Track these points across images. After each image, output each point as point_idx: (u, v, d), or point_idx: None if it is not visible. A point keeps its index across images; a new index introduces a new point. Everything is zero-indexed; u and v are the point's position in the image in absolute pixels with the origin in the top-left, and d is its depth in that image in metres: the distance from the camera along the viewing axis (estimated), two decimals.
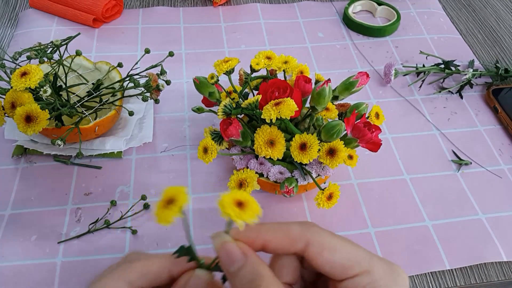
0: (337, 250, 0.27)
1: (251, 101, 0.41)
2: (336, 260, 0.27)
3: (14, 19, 0.68)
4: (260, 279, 0.25)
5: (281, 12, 0.72)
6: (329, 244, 0.28)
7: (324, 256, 0.27)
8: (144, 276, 0.27)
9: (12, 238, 0.43)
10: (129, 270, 0.27)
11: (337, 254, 0.27)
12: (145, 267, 0.27)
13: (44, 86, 0.41)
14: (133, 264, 0.27)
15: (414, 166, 0.52)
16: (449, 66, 0.62)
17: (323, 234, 0.28)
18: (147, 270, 0.27)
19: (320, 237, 0.28)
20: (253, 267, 0.26)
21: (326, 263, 0.27)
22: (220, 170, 0.50)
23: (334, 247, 0.27)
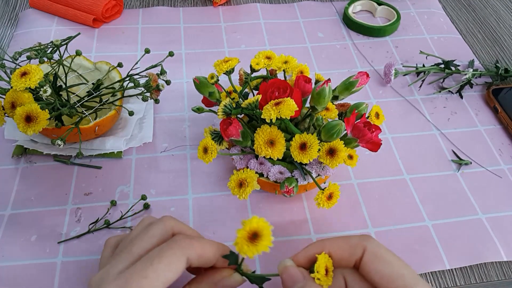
0: (389, 262, 0.31)
1: (251, 101, 0.41)
2: (386, 271, 0.30)
3: (14, 19, 0.68)
4: None
5: (281, 12, 0.72)
6: (383, 255, 0.31)
7: (377, 265, 0.30)
8: (200, 257, 0.30)
9: (12, 238, 0.43)
10: (190, 247, 0.30)
11: (388, 265, 0.30)
12: (203, 250, 0.30)
13: (44, 86, 0.41)
14: (193, 243, 0.30)
15: (414, 166, 0.52)
16: (449, 66, 0.62)
17: (379, 246, 0.32)
18: (204, 253, 0.30)
19: (376, 247, 0.32)
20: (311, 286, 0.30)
21: (377, 272, 0.30)
22: (220, 170, 0.50)
23: (388, 259, 0.31)
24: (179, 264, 0.29)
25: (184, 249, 0.30)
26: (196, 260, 0.30)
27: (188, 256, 0.30)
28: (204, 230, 0.45)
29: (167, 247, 0.30)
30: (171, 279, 0.29)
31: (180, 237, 0.31)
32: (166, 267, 0.29)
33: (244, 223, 0.28)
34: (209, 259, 0.31)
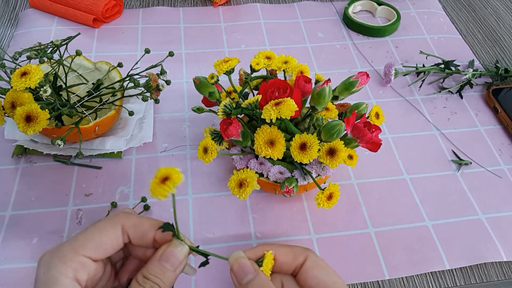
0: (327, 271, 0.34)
1: (251, 101, 0.41)
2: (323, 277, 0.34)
3: (14, 19, 0.68)
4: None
5: (281, 12, 0.72)
6: (322, 264, 0.35)
7: (316, 271, 0.34)
8: (136, 227, 0.32)
9: (13, 240, 0.43)
10: (126, 217, 0.32)
11: (325, 273, 0.34)
12: (139, 221, 0.32)
13: (44, 86, 0.41)
14: (131, 216, 0.32)
15: (414, 166, 0.52)
16: (449, 66, 0.62)
17: (319, 257, 0.36)
18: (140, 224, 0.32)
19: (317, 257, 0.35)
20: (262, 281, 0.32)
21: (314, 278, 0.34)
22: (220, 170, 0.50)
23: (326, 268, 0.35)
24: (114, 232, 0.31)
25: (119, 218, 0.32)
26: (133, 230, 0.32)
27: (123, 224, 0.31)
28: (204, 230, 0.45)
29: (103, 218, 0.32)
30: (106, 244, 0.31)
31: (119, 211, 0.33)
32: (100, 234, 0.31)
33: (157, 172, 0.29)
34: (145, 229, 0.32)
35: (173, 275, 0.31)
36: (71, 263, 0.29)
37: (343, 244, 0.45)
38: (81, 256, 0.30)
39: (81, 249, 0.30)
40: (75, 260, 0.30)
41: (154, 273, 0.31)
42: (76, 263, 0.30)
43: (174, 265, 0.31)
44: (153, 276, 0.31)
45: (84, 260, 0.30)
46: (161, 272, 0.31)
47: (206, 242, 0.44)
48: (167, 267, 0.31)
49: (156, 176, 0.28)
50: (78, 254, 0.30)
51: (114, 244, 0.31)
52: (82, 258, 0.30)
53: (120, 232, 0.31)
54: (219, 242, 0.44)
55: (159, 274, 0.31)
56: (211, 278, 0.42)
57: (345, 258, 0.44)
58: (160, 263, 0.31)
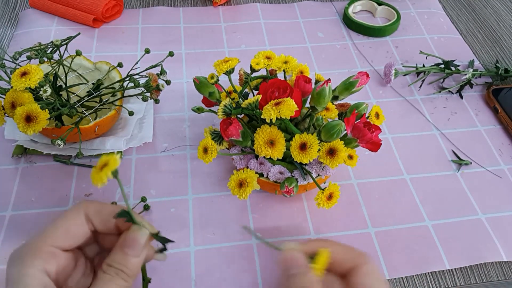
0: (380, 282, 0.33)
1: (251, 101, 0.41)
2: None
3: (14, 19, 0.68)
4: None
5: (281, 12, 0.72)
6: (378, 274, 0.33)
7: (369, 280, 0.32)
8: (99, 214, 0.32)
9: (14, 240, 0.43)
10: (89, 205, 0.32)
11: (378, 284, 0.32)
12: (100, 207, 0.32)
13: (44, 86, 0.41)
14: (93, 203, 0.33)
15: (414, 166, 0.52)
16: (449, 66, 0.62)
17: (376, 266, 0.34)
18: (102, 210, 0.32)
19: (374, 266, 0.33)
20: (309, 280, 0.31)
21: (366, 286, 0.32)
22: (220, 170, 0.50)
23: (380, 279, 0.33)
24: (78, 219, 0.31)
25: (82, 205, 0.32)
26: (95, 216, 0.32)
27: (86, 210, 0.32)
28: (204, 230, 0.45)
29: (68, 209, 0.32)
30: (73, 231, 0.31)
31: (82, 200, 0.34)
32: (66, 222, 0.31)
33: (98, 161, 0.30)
34: (107, 215, 0.32)
35: (136, 261, 0.31)
36: (39, 253, 0.29)
37: None
38: (49, 246, 0.30)
39: (49, 239, 0.30)
40: (43, 250, 0.29)
41: (117, 260, 0.30)
42: (44, 253, 0.29)
43: (135, 250, 0.31)
44: (117, 263, 0.30)
45: (53, 250, 0.30)
46: (124, 258, 0.30)
47: (206, 242, 0.44)
48: (129, 253, 0.31)
49: (97, 164, 0.29)
50: (46, 244, 0.30)
51: (81, 231, 0.31)
52: (50, 248, 0.30)
53: (84, 219, 0.32)
54: (219, 242, 0.44)
55: (122, 260, 0.30)
56: (212, 278, 0.42)
57: None
58: (122, 250, 0.31)
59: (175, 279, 0.41)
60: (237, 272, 0.42)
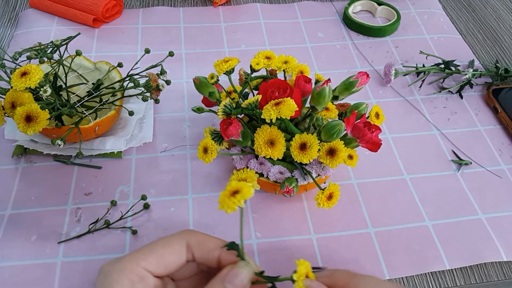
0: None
1: (251, 101, 0.41)
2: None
3: (14, 19, 0.68)
4: None
5: (281, 12, 0.72)
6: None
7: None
8: (202, 245, 0.31)
9: (12, 238, 0.43)
10: (192, 235, 0.31)
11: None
12: (204, 238, 0.31)
13: (44, 86, 0.41)
14: (196, 233, 0.32)
15: (414, 166, 0.52)
16: (449, 66, 0.62)
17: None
18: (206, 242, 0.31)
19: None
20: None
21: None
22: (220, 170, 0.50)
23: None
24: (178, 248, 0.30)
25: (185, 235, 0.31)
26: (197, 248, 0.31)
27: (188, 241, 0.31)
28: (204, 230, 0.45)
29: (169, 235, 0.31)
30: (168, 259, 0.30)
31: (184, 229, 0.32)
32: (164, 249, 0.30)
33: (227, 185, 0.29)
34: (210, 248, 0.31)
35: None
36: (129, 273, 0.28)
37: (343, 244, 0.45)
38: (140, 268, 0.29)
39: (142, 261, 0.29)
40: (133, 271, 0.28)
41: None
42: (134, 274, 0.28)
43: (236, 286, 0.29)
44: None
45: (144, 273, 0.29)
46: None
47: None
48: (228, 287, 0.29)
49: (226, 188, 0.28)
50: (138, 266, 0.29)
51: (177, 260, 0.30)
52: (141, 271, 0.29)
53: (184, 249, 0.30)
54: None
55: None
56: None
57: (345, 258, 0.44)
58: (222, 284, 0.29)
59: None
60: None
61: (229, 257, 0.31)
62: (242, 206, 0.27)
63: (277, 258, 0.43)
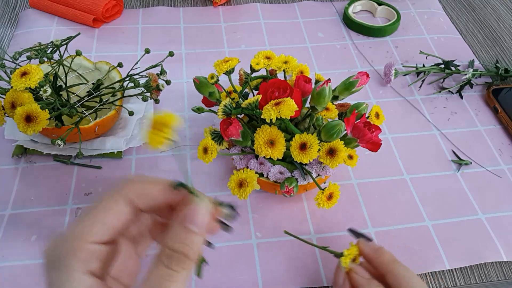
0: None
1: (251, 101, 0.41)
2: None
3: (14, 19, 0.68)
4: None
5: (281, 12, 0.72)
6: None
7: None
8: (142, 195, 0.28)
9: (12, 238, 0.43)
10: (128, 187, 0.28)
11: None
12: (145, 188, 0.28)
13: (44, 86, 0.41)
14: (135, 184, 0.28)
15: (414, 166, 0.52)
16: (449, 66, 0.62)
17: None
18: (147, 191, 0.28)
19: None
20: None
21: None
22: (220, 170, 0.50)
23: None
24: (117, 206, 0.28)
25: (123, 190, 0.28)
26: (140, 199, 0.28)
27: (127, 196, 0.28)
28: None
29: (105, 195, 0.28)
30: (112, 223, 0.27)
31: (124, 179, 0.29)
32: (104, 214, 0.27)
33: (152, 122, 0.27)
34: (154, 196, 0.28)
35: (201, 239, 0.27)
36: (79, 253, 0.26)
37: (343, 244, 0.45)
38: (88, 244, 0.26)
39: (87, 236, 0.26)
40: (83, 249, 0.26)
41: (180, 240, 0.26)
42: (84, 253, 0.26)
43: (201, 225, 0.27)
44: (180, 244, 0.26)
45: (93, 248, 0.26)
46: (188, 238, 0.26)
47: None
48: (194, 229, 0.26)
49: (151, 126, 0.26)
50: (85, 242, 0.26)
51: (121, 220, 0.28)
52: (90, 246, 0.26)
53: (125, 208, 0.28)
54: (219, 242, 0.44)
55: (185, 239, 0.26)
56: (212, 278, 0.42)
57: None
58: (185, 227, 0.26)
59: None
60: (237, 272, 0.42)
61: (179, 198, 0.28)
62: (171, 138, 0.25)
63: (277, 258, 0.43)
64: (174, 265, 0.26)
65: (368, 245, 0.40)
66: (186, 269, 0.26)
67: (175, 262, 0.26)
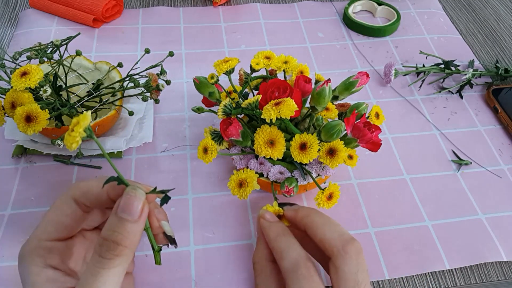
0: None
1: (251, 101, 0.41)
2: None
3: (14, 19, 0.68)
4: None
5: (281, 12, 0.72)
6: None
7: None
8: (86, 193, 0.31)
9: (12, 239, 0.43)
10: (74, 188, 0.32)
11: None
12: (86, 187, 0.32)
13: (44, 86, 0.41)
14: (78, 185, 0.32)
15: (414, 166, 0.52)
16: (449, 66, 0.62)
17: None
18: (88, 189, 0.32)
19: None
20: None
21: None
22: (220, 170, 0.50)
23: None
24: (66, 206, 0.31)
25: (69, 191, 0.32)
26: (84, 197, 0.31)
27: (73, 195, 0.31)
28: (204, 229, 0.45)
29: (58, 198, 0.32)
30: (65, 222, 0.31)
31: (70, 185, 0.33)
32: (55, 214, 0.31)
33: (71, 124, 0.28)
34: (95, 192, 0.31)
35: (135, 227, 0.28)
36: (37, 250, 0.30)
37: None
38: (44, 242, 0.30)
39: (43, 235, 0.30)
40: (40, 247, 0.30)
41: (113, 228, 0.28)
42: (41, 250, 0.30)
43: (133, 213, 0.28)
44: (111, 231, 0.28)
45: (49, 245, 0.30)
46: (121, 225, 0.28)
47: (206, 242, 0.44)
48: (126, 217, 0.28)
49: (69, 127, 0.27)
50: (42, 240, 0.30)
51: (73, 219, 0.32)
52: (46, 244, 0.30)
53: (74, 206, 0.31)
54: (219, 242, 0.44)
55: (118, 227, 0.28)
56: (212, 278, 0.42)
57: None
58: (117, 216, 0.28)
59: (175, 279, 0.41)
60: (237, 272, 0.42)
61: (117, 191, 0.31)
62: (83, 135, 0.26)
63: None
64: (104, 252, 0.27)
65: (290, 208, 0.39)
66: (119, 255, 0.27)
67: (105, 249, 0.27)
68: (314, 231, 0.35)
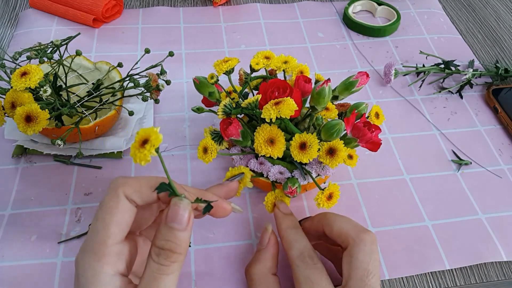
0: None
1: (251, 101, 0.41)
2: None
3: (14, 19, 0.68)
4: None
5: (281, 12, 0.72)
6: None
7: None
8: (138, 193, 0.31)
9: (12, 238, 0.43)
10: (123, 184, 0.31)
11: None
12: (137, 185, 0.31)
13: (44, 86, 0.41)
14: (128, 182, 0.32)
15: (414, 166, 0.52)
16: (449, 66, 0.62)
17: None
18: (140, 189, 0.31)
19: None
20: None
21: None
22: (220, 170, 0.50)
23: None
24: (122, 206, 0.31)
25: (119, 188, 0.31)
26: (136, 195, 0.31)
27: (125, 193, 0.31)
28: (204, 229, 0.45)
29: (104, 196, 0.32)
30: (125, 221, 0.31)
31: (116, 178, 0.32)
32: (111, 215, 0.30)
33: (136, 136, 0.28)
34: (147, 191, 0.31)
35: (185, 234, 0.30)
36: (106, 258, 0.29)
37: None
38: (111, 246, 0.30)
39: (108, 240, 0.30)
40: (108, 253, 0.29)
41: (165, 238, 0.30)
42: (110, 257, 0.29)
43: (182, 223, 0.30)
44: (165, 241, 0.30)
45: (116, 249, 0.30)
46: (172, 234, 0.30)
47: (206, 242, 0.44)
48: (176, 227, 0.30)
49: (135, 139, 0.27)
50: (108, 245, 0.29)
51: (130, 216, 0.31)
52: (113, 248, 0.30)
53: (128, 205, 0.31)
54: (219, 242, 0.44)
55: (170, 236, 0.30)
56: (212, 278, 0.42)
57: None
58: (167, 226, 0.30)
59: None
60: (237, 272, 0.42)
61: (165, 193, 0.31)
62: (154, 155, 0.27)
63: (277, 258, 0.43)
64: (162, 260, 0.29)
65: (304, 219, 0.42)
66: (175, 262, 0.30)
67: (163, 258, 0.29)
68: (331, 226, 0.38)
